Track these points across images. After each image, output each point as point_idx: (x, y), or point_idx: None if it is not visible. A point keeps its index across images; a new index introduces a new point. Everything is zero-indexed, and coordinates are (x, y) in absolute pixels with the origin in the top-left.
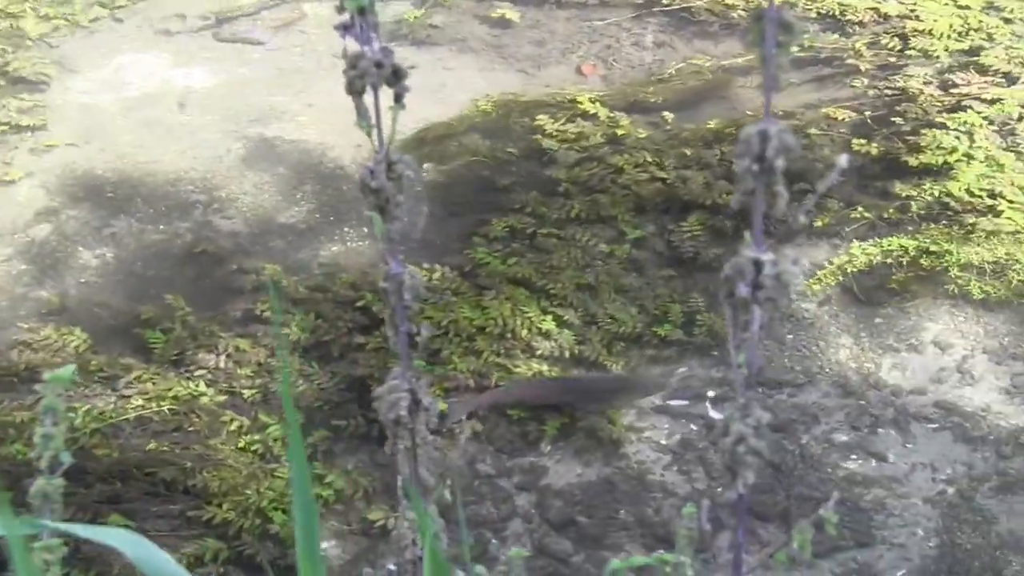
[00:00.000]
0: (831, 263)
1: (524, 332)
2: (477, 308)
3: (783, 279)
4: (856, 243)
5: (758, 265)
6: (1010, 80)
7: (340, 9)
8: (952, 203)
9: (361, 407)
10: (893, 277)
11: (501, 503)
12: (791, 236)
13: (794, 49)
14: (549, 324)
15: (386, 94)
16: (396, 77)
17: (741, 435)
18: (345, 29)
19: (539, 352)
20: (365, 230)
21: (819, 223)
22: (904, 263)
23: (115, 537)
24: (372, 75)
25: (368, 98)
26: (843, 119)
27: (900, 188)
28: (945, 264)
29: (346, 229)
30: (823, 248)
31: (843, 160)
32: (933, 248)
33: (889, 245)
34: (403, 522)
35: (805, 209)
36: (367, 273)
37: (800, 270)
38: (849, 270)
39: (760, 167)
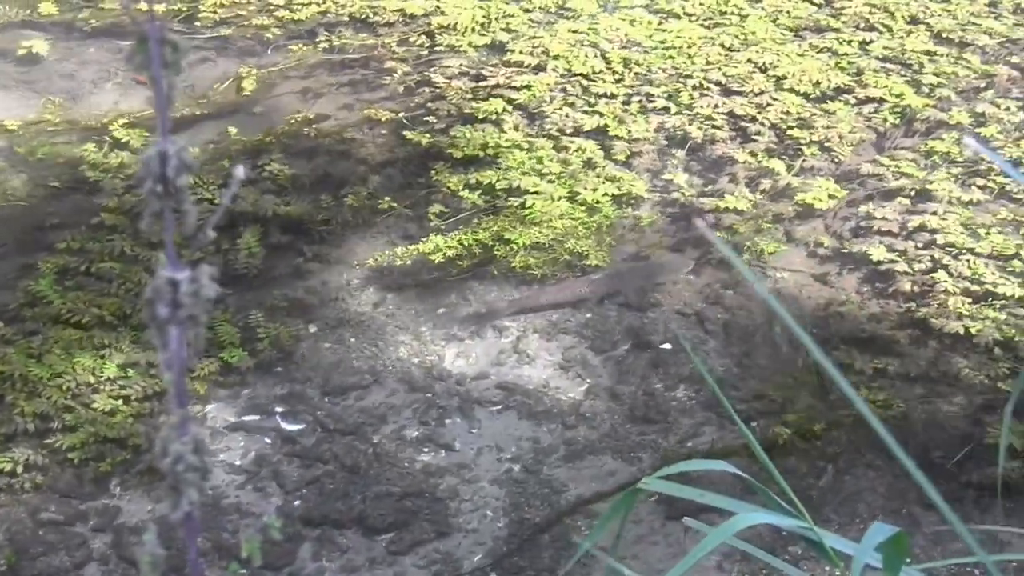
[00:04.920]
0: (380, 261)
1: (89, 376)
2: (32, 357)
3: (202, 295)
4: (405, 239)
5: (175, 284)
6: (534, 68)
7: None
8: (498, 191)
9: None
10: (447, 268)
11: (75, 550)
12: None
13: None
14: (110, 365)
15: None
16: None
17: (179, 454)
18: None
19: (105, 391)
20: None
21: (361, 223)
22: (464, 251)
23: None
24: None
25: None
26: (383, 119)
27: (445, 181)
28: (499, 250)
29: None
30: (374, 246)
31: (239, 171)
32: (484, 235)
33: (444, 238)
34: None
35: (213, 222)
36: None
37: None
38: (402, 265)
39: (164, 187)
